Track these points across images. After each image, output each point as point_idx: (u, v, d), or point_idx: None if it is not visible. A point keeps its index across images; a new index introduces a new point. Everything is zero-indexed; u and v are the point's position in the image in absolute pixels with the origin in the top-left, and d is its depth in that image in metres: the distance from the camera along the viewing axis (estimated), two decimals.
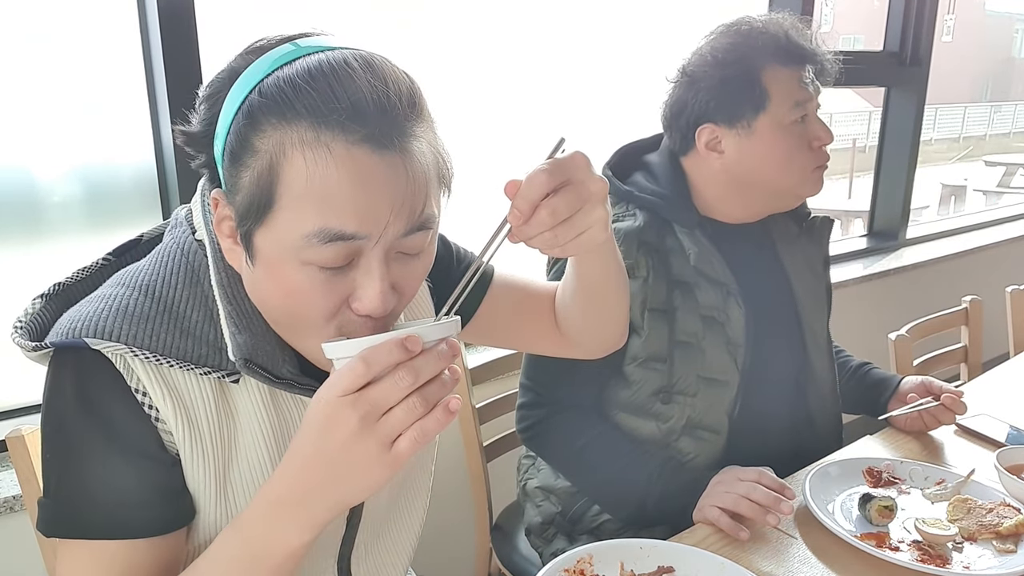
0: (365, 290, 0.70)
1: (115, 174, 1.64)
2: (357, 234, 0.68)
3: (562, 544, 1.42)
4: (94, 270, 0.84)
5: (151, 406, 0.74)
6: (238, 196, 0.70)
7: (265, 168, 0.67)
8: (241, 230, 0.71)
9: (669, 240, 1.36)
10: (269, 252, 0.70)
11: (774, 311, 1.43)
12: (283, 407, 0.81)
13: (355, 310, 0.72)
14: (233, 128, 0.69)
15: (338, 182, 0.66)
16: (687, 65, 1.37)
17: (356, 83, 0.66)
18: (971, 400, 1.47)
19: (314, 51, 0.70)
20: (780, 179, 1.35)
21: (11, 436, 1.08)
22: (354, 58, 0.68)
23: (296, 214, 0.67)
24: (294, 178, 0.66)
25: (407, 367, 0.62)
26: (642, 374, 1.34)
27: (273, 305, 0.75)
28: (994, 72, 23.35)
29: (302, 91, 0.66)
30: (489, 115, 2.14)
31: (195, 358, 0.75)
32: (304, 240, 0.67)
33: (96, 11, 1.56)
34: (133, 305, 0.75)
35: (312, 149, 0.66)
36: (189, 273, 0.77)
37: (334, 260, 0.69)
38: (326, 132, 0.65)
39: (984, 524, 1.17)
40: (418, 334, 0.63)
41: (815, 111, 1.36)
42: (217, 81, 0.73)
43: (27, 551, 1.17)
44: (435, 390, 0.63)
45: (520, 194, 0.70)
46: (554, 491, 1.45)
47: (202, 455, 0.76)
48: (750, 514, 1.14)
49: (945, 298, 2.40)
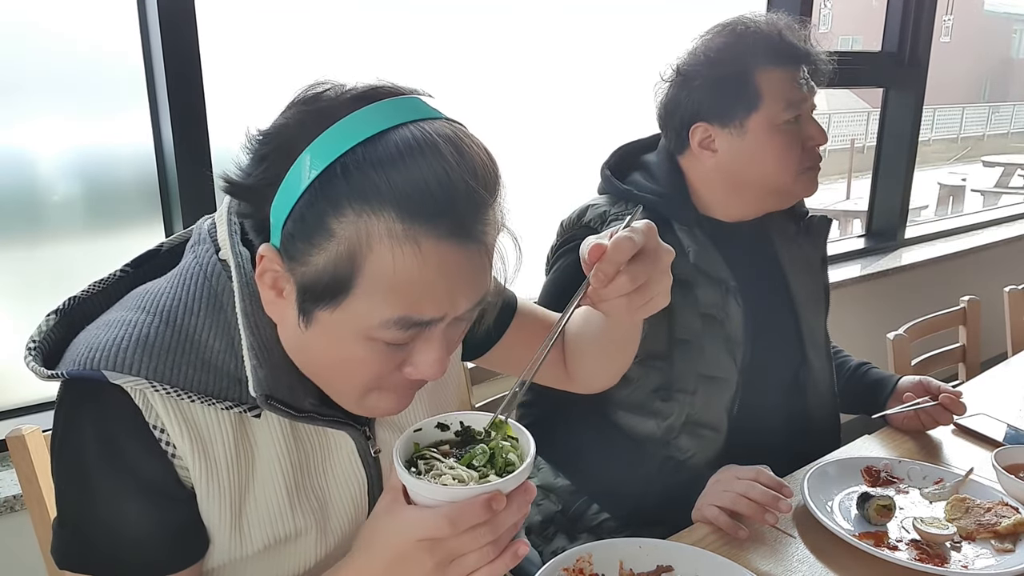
0: (425, 358, 0.71)
1: (115, 174, 1.64)
2: (434, 319, 0.69)
3: (562, 543, 1.42)
4: (110, 283, 0.82)
5: (168, 442, 0.72)
6: (303, 269, 0.67)
7: (344, 255, 0.65)
8: (302, 300, 0.69)
9: (668, 238, 1.34)
10: (332, 327, 0.69)
11: (772, 310, 1.43)
12: (303, 438, 0.80)
13: (408, 375, 0.73)
14: (306, 201, 0.65)
15: (424, 275, 0.65)
16: (681, 64, 1.37)
17: (449, 174, 0.64)
18: (969, 400, 1.47)
19: (400, 124, 0.66)
20: (773, 178, 1.36)
21: (11, 436, 1.07)
22: (444, 140, 0.65)
23: (374, 302, 0.66)
24: (378, 270, 0.65)
25: (489, 525, 0.63)
26: (641, 372, 1.34)
27: (320, 365, 0.75)
28: (992, 73, 23.36)
29: (394, 181, 0.63)
30: (489, 115, 2.15)
31: (216, 392, 0.73)
32: (379, 325, 0.67)
33: (96, 10, 1.56)
34: (154, 335, 0.72)
35: (400, 245, 0.64)
36: (211, 299, 0.75)
37: (404, 339, 0.70)
38: (415, 227, 0.63)
39: (982, 523, 1.17)
40: (501, 489, 0.64)
41: (809, 111, 1.36)
42: (277, 134, 0.69)
43: (27, 551, 1.17)
44: (507, 536, 0.65)
45: (607, 258, 0.72)
46: (554, 490, 1.46)
47: (218, 489, 0.75)
48: (749, 513, 1.15)
49: (943, 298, 2.41)
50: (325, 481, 0.83)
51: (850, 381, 1.60)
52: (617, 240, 0.72)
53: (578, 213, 1.40)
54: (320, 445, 0.82)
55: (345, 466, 0.84)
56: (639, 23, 2.33)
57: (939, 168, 12.86)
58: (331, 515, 0.84)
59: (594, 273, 0.72)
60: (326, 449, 0.82)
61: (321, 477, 0.83)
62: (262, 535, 0.78)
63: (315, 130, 0.66)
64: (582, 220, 1.38)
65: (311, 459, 0.81)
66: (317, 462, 0.82)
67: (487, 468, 0.68)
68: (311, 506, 0.82)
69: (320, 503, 0.83)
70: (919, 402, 1.44)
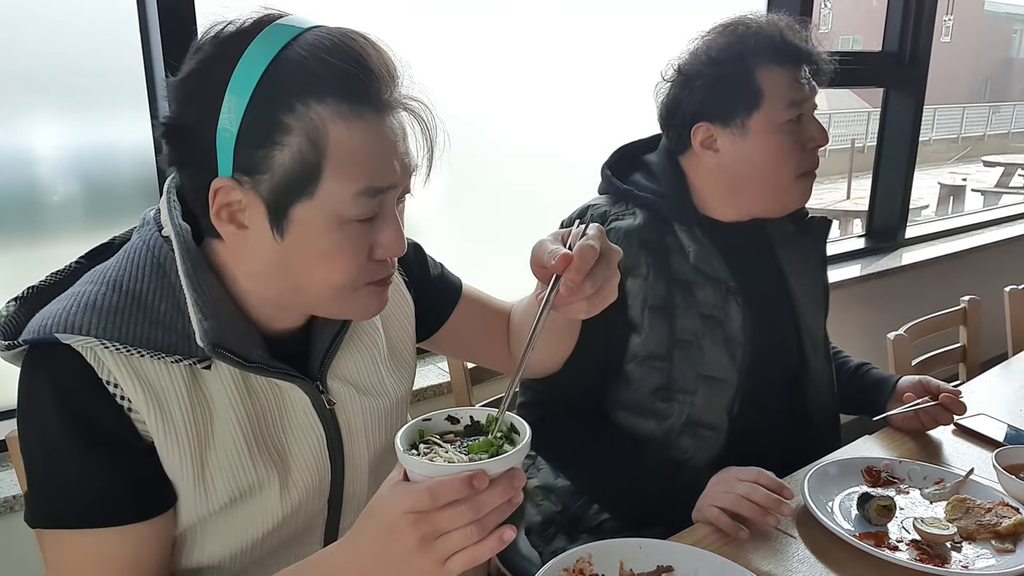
0: (388, 236, 0.80)
1: (114, 173, 1.64)
2: (389, 186, 0.77)
3: (562, 543, 1.42)
4: (67, 273, 0.87)
5: (123, 396, 0.77)
6: (268, 175, 0.74)
7: (307, 143, 0.73)
8: (273, 207, 0.75)
9: (669, 238, 1.36)
10: (309, 221, 0.75)
11: (772, 310, 1.43)
12: (256, 390, 0.85)
13: (378, 256, 0.80)
14: (253, 110, 0.72)
15: (373, 146, 0.75)
16: (683, 64, 1.37)
17: (368, 53, 0.74)
18: (969, 400, 1.47)
19: (306, 28, 0.75)
20: (774, 178, 1.36)
21: (11, 436, 1.07)
22: (350, 32, 0.75)
23: (342, 180, 0.74)
24: (339, 148, 0.73)
25: (471, 503, 0.65)
26: (642, 372, 1.34)
27: (302, 274, 0.79)
28: (993, 72, 23.37)
29: (328, 65, 0.72)
30: (490, 115, 2.14)
31: (165, 347, 0.78)
32: (352, 199, 0.75)
33: (96, 9, 1.56)
34: (101, 300, 0.77)
35: (350, 121, 0.73)
36: (155, 267, 0.80)
37: (369, 212, 0.77)
38: (358, 104, 0.73)
39: (983, 524, 1.17)
40: (485, 469, 0.66)
41: (811, 111, 1.36)
42: (200, 70, 0.75)
43: (27, 551, 1.16)
44: (492, 518, 0.67)
45: (575, 267, 0.77)
46: (554, 490, 1.45)
47: (176, 442, 0.79)
48: (750, 515, 1.15)
49: (943, 298, 2.41)
50: (283, 435, 0.87)
51: (850, 382, 1.60)
52: (583, 249, 0.77)
53: (578, 213, 1.40)
54: (275, 399, 0.86)
55: (302, 420, 0.88)
56: (639, 23, 2.33)
57: (939, 168, 12.87)
58: (292, 468, 0.87)
59: (564, 283, 0.77)
60: (281, 404, 0.87)
61: (279, 430, 0.87)
62: (226, 487, 0.82)
63: (235, 54, 0.73)
64: (583, 220, 1.38)
65: (267, 412, 0.86)
66: (274, 416, 0.86)
67: (483, 456, 0.70)
68: (272, 458, 0.86)
69: (280, 455, 0.87)
70: (919, 402, 1.43)
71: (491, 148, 2.17)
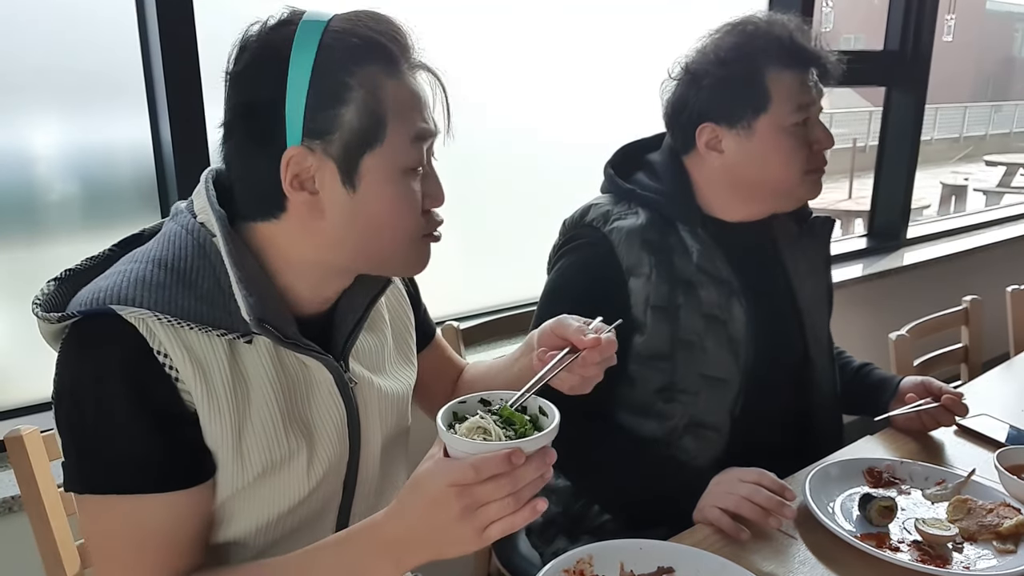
0: (431, 186, 0.89)
1: (113, 173, 1.64)
2: (434, 131, 0.87)
3: (562, 544, 1.42)
4: (100, 259, 0.90)
5: (172, 367, 0.80)
6: (338, 133, 0.82)
7: (370, 99, 0.82)
8: (345, 163, 0.83)
9: (672, 238, 1.35)
10: (381, 169, 0.84)
11: (775, 311, 1.43)
12: (288, 366, 0.89)
13: (428, 206, 0.89)
14: (315, 82, 0.80)
15: (415, 98, 0.86)
16: (690, 63, 1.36)
17: (396, 24, 0.85)
18: (971, 400, 1.47)
19: (332, 15, 0.83)
20: (779, 180, 1.35)
21: (10, 436, 1.07)
22: (372, 11, 0.85)
23: (401, 128, 0.84)
24: (394, 101, 0.83)
25: (510, 477, 0.72)
26: (644, 373, 1.34)
27: (375, 222, 0.86)
28: (994, 72, 23.34)
29: (371, 33, 0.83)
30: (493, 114, 2.14)
31: (211, 321, 0.82)
32: (410, 144, 0.85)
33: (95, 9, 1.55)
34: (150, 276, 0.81)
35: (394, 76, 0.84)
36: (197, 247, 0.85)
37: (419, 160, 0.86)
38: (395, 64, 0.84)
39: (984, 524, 1.17)
40: (522, 447, 0.74)
41: (817, 114, 1.36)
42: (259, 57, 0.83)
43: (27, 551, 1.16)
44: (527, 491, 0.74)
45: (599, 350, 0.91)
46: (555, 491, 1.45)
47: (218, 413, 0.83)
48: (752, 516, 1.14)
49: (945, 298, 2.40)
50: (310, 409, 0.92)
51: (852, 382, 1.59)
52: (612, 340, 0.92)
53: (581, 212, 1.40)
54: (303, 375, 0.91)
55: (326, 397, 0.93)
56: (642, 22, 2.33)
57: (941, 167, 12.85)
58: (317, 442, 0.92)
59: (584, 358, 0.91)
60: (309, 380, 0.92)
61: (306, 405, 0.92)
62: (260, 458, 0.87)
63: (287, 37, 0.81)
64: (585, 219, 1.38)
65: (297, 387, 0.91)
66: (302, 391, 0.91)
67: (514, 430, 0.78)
68: (301, 430, 0.91)
69: (307, 429, 0.92)
70: (921, 403, 1.43)
71: (492, 148, 2.17)
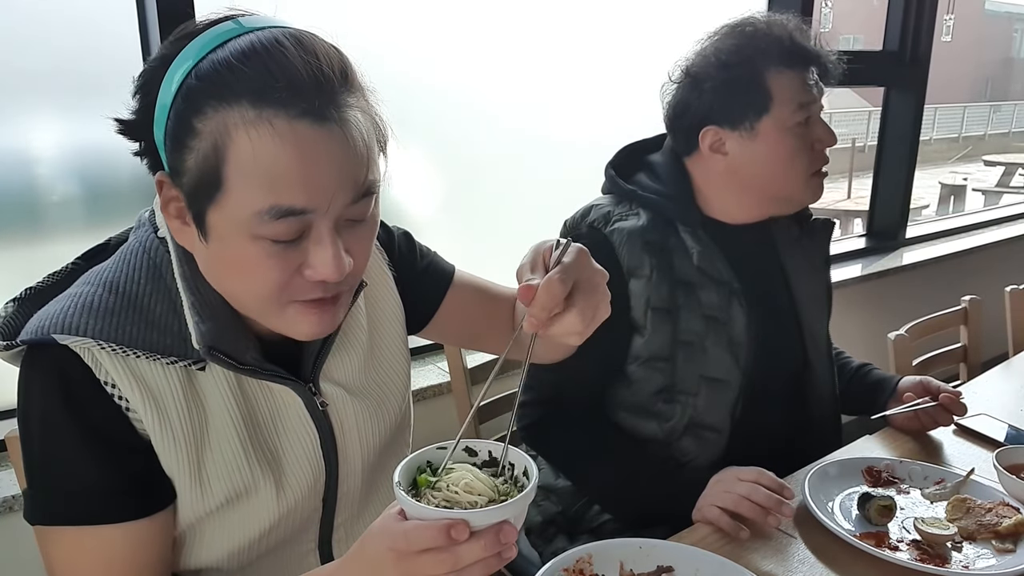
0: (318, 258, 0.73)
1: (114, 173, 1.64)
2: (307, 208, 0.71)
3: (562, 543, 1.42)
4: (63, 274, 0.87)
5: (120, 396, 0.78)
6: (184, 178, 0.72)
7: (210, 149, 0.69)
8: (192, 210, 0.74)
9: (672, 240, 1.35)
10: (222, 229, 0.73)
11: (775, 312, 1.43)
12: (249, 393, 0.85)
13: (308, 277, 0.75)
14: (172, 112, 0.71)
15: (284, 158, 0.68)
16: (691, 66, 1.36)
17: (289, 60, 0.69)
18: (970, 400, 1.47)
19: (243, 32, 0.71)
20: (783, 181, 1.35)
21: (9, 436, 1.07)
22: (284, 36, 0.70)
23: (246, 193, 0.70)
24: (241, 158, 0.69)
25: (449, 552, 0.64)
26: (644, 373, 1.34)
27: (228, 281, 0.78)
28: (993, 72, 23.35)
29: (238, 71, 0.68)
30: (494, 114, 2.14)
31: (161, 348, 0.78)
32: (256, 217, 0.70)
33: (95, 9, 1.55)
34: (98, 301, 0.78)
35: (255, 127, 0.68)
36: (152, 269, 0.81)
37: (286, 234, 0.72)
38: (267, 110, 0.68)
39: (983, 524, 1.17)
40: (468, 520, 0.64)
41: (818, 113, 1.36)
42: (150, 69, 0.75)
43: (27, 551, 1.16)
44: (474, 572, 0.65)
45: (538, 302, 0.71)
46: (554, 490, 1.45)
47: (173, 441, 0.80)
48: (751, 515, 1.14)
49: (944, 298, 2.40)
50: (277, 437, 0.87)
51: (851, 383, 1.60)
52: (548, 283, 0.71)
53: (582, 213, 1.40)
54: (268, 401, 0.86)
55: (295, 422, 0.88)
56: (642, 23, 2.33)
57: (940, 167, 12.86)
58: (286, 470, 0.88)
59: (527, 320, 0.71)
60: (275, 406, 0.87)
61: (272, 433, 0.87)
62: (221, 487, 0.83)
63: (174, 55, 0.72)
64: (586, 220, 1.38)
65: (261, 414, 0.86)
66: (267, 418, 0.87)
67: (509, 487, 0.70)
68: (266, 459, 0.86)
69: (274, 457, 0.87)
70: (919, 402, 1.43)
71: (492, 147, 2.17)
